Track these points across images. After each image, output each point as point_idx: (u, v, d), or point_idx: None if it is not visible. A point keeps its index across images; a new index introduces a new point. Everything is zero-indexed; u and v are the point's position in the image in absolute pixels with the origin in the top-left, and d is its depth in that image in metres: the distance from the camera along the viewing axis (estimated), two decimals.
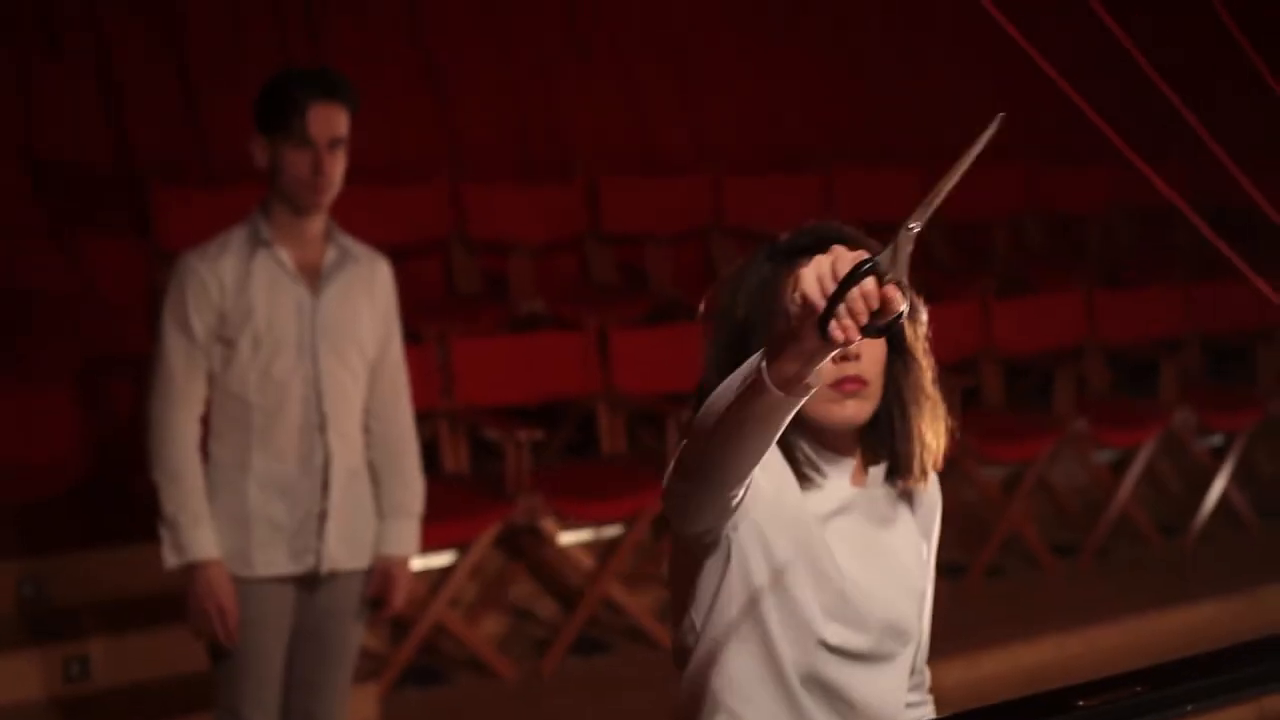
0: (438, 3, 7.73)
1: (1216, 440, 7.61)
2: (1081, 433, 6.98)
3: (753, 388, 2.00)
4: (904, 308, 1.86)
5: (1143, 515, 7.30)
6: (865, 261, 1.85)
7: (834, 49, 9.03)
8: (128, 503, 5.98)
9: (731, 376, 2.07)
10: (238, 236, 3.94)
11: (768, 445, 2.12)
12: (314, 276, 3.96)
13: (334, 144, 3.84)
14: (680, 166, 8.16)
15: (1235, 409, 7.52)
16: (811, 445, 2.40)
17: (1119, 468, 7.28)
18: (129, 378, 6.32)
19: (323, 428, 3.95)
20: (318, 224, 3.95)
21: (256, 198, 3.96)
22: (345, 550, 4.03)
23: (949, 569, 6.22)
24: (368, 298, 4.03)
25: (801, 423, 2.35)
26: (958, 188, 1.95)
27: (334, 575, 4.03)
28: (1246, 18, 3.05)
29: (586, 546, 6.05)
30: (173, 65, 7.07)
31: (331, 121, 3.84)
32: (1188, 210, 2.50)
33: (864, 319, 1.85)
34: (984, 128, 1.97)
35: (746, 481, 2.22)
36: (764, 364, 1.97)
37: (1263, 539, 7.43)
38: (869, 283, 1.85)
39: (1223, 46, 3.33)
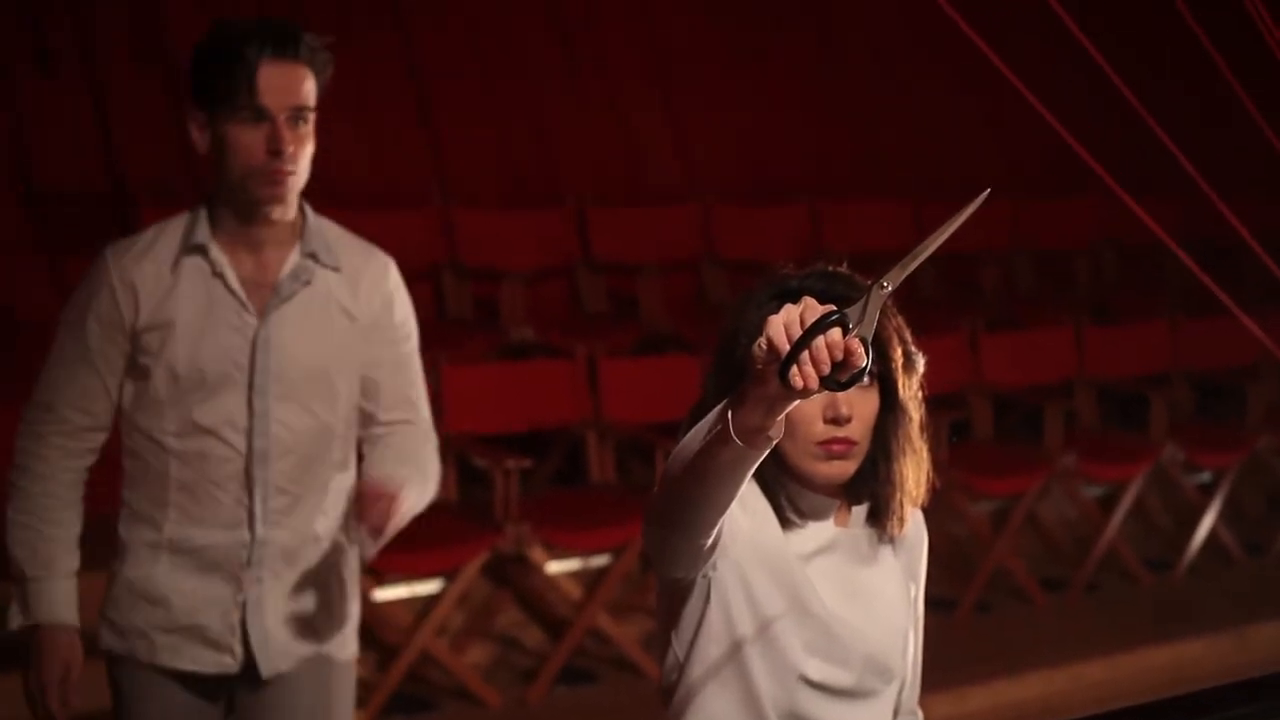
0: (429, 30, 7.73)
1: (1205, 477, 7.61)
2: (1070, 468, 6.98)
3: (717, 437, 2.01)
4: (866, 364, 1.87)
5: (1131, 551, 7.30)
6: (833, 313, 1.86)
7: (824, 81, 9.06)
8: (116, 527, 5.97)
9: (698, 425, 2.08)
10: (170, 234, 3.12)
11: (732, 496, 2.13)
12: (265, 293, 3.08)
13: (296, 115, 2.99)
14: (671, 196, 8.17)
15: (1224, 445, 7.52)
16: (795, 487, 2.40)
17: (1107, 503, 7.28)
18: None
19: (253, 492, 3.09)
20: (278, 224, 3.08)
21: None
22: (292, 646, 3.17)
23: (937, 604, 6.17)
24: (344, 315, 3.15)
25: (785, 466, 2.36)
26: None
27: (281, 679, 3.17)
28: (1236, 55, 3.06)
29: (574, 576, 6.04)
30: (162, 86, 7.06)
31: (291, 85, 2.99)
32: (1175, 247, 2.50)
33: (825, 368, 1.85)
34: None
35: (716, 529, 2.22)
36: (729, 414, 1.98)
37: (1251, 576, 7.43)
38: (834, 334, 1.86)
39: (1212, 84, 3.34)
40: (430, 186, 7.35)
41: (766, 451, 2.03)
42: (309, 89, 3.02)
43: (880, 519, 2.45)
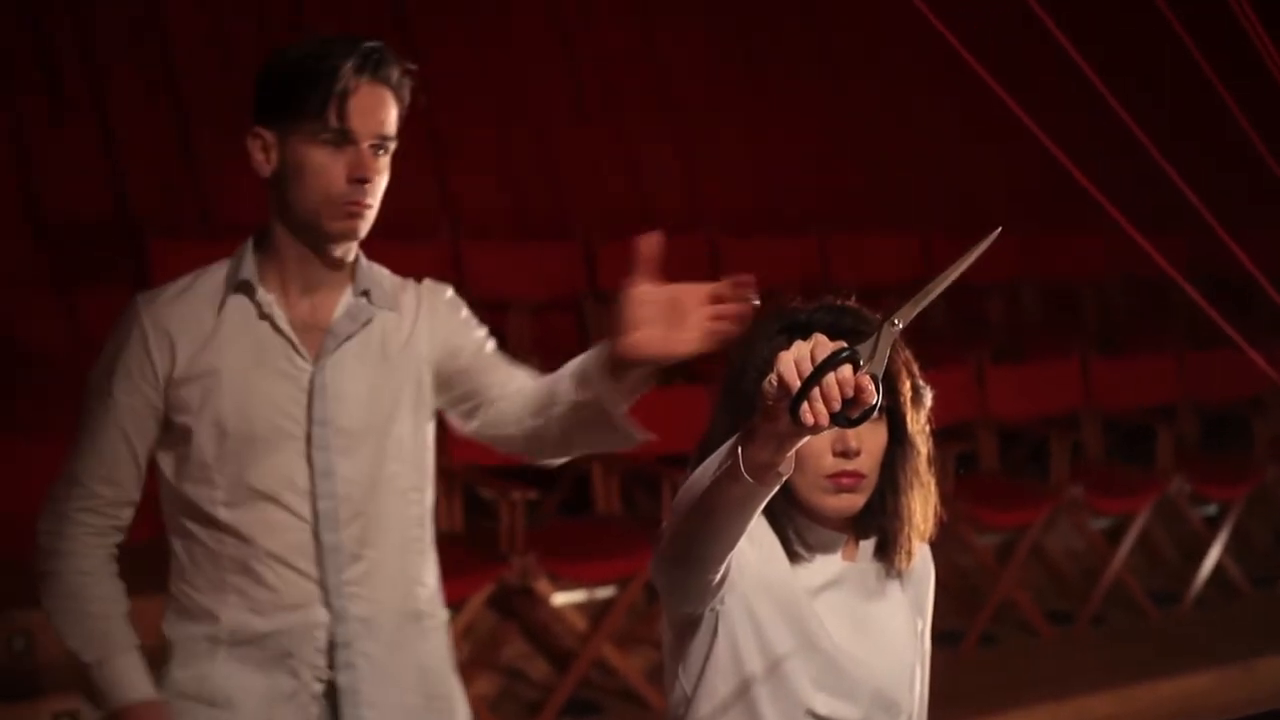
0: (438, 63, 7.76)
1: (1211, 509, 7.60)
2: (1076, 500, 6.97)
3: (727, 473, 2.02)
4: (876, 400, 1.88)
5: (1137, 583, 7.28)
6: (844, 349, 1.87)
7: (831, 113, 9.08)
8: (123, 558, 5.97)
9: (709, 460, 2.09)
10: (211, 278, 2.78)
11: (741, 531, 2.14)
12: (318, 336, 2.74)
13: (380, 145, 2.69)
14: (677, 227, 8.18)
15: (1230, 478, 7.51)
16: (803, 521, 2.41)
17: (1114, 535, 7.27)
18: None
19: (323, 563, 2.71)
20: (341, 263, 2.75)
21: None
22: None
23: (943, 636, 6.18)
24: (404, 354, 2.81)
25: (793, 499, 2.37)
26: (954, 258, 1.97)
27: None
28: (1242, 91, 3.07)
29: (580, 607, 6.03)
30: (171, 119, 7.10)
31: (381, 111, 2.69)
32: (1181, 281, 2.51)
33: (836, 404, 1.86)
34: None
35: (724, 565, 2.22)
36: (739, 449, 1.99)
37: (1257, 608, 7.41)
38: (845, 370, 1.87)
39: (1219, 119, 3.35)
40: (439, 219, 7.37)
41: (777, 487, 2.03)
42: (394, 118, 2.73)
43: (888, 553, 2.46)
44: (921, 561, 2.53)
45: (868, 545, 2.46)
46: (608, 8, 8.43)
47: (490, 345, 2.92)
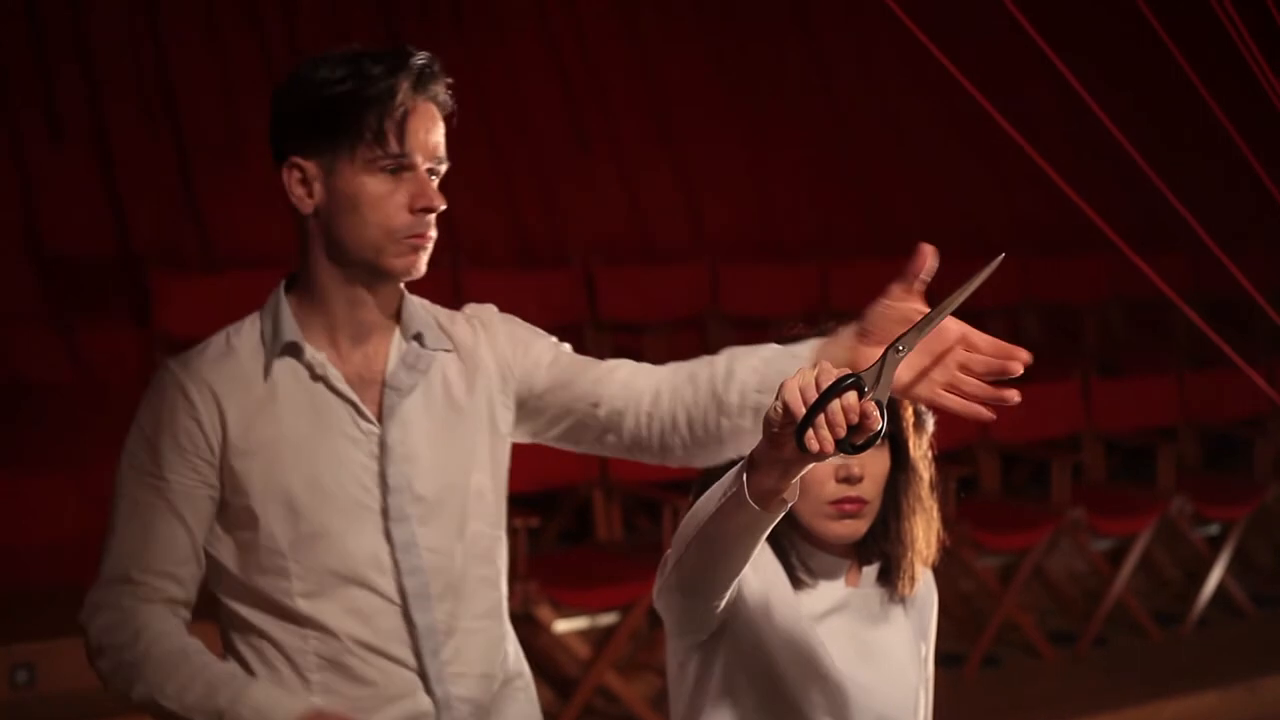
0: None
1: (1213, 529, 7.60)
2: (1078, 521, 6.97)
3: (732, 500, 2.02)
4: (881, 427, 1.88)
5: (1140, 604, 7.28)
6: (848, 376, 1.88)
7: (831, 141, 9.11)
8: None
9: (711, 489, 2.09)
10: (245, 336, 2.41)
11: (746, 559, 2.14)
12: (375, 391, 2.40)
13: (435, 169, 2.39)
14: (677, 256, 8.20)
15: (1231, 498, 7.51)
16: (806, 547, 2.41)
17: (1116, 556, 7.26)
18: None
19: (420, 648, 2.37)
20: (390, 305, 2.43)
21: (259, 284, 2.53)
22: None
23: (945, 658, 6.19)
24: (474, 394, 2.47)
25: (797, 525, 2.37)
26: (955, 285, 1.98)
27: None
28: (1241, 113, 3.08)
29: (582, 634, 6.02)
30: (172, 152, 7.11)
31: (437, 132, 2.38)
32: (1181, 303, 2.52)
33: (841, 431, 1.87)
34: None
35: (729, 591, 2.23)
36: (744, 477, 1.99)
37: (1260, 628, 7.40)
38: (850, 396, 1.87)
39: (1218, 141, 3.36)
40: (438, 247, 7.37)
41: (781, 514, 2.04)
42: (444, 138, 2.41)
43: (891, 578, 2.47)
44: (925, 586, 2.54)
45: (871, 571, 2.47)
46: (607, 35, 8.45)
47: (565, 349, 2.56)
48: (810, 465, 1.95)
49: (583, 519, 6.56)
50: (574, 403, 2.48)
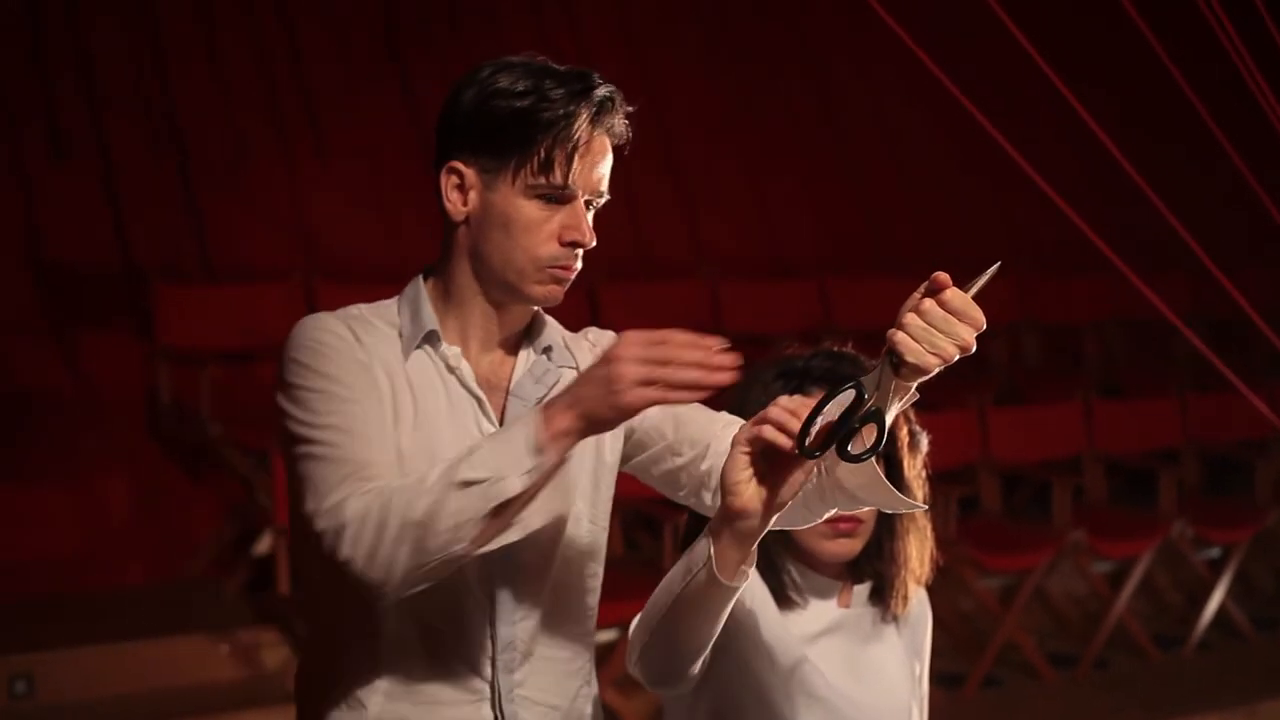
0: (436, 106, 7.77)
1: (1214, 552, 7.59)
2: (1079, 543, 6.96)
3: (701, 579, 2.03)
4: (880, 439, 1.89)
5: (1140, 627, 7.27)
6: (848, 383, 1.88)
7: (831, 159, 9.11)
8: (122, 602, 5.98)
9: (671, 574, 2.10)
10: (383, 315, 2.37)
11: (718, 627, 2.13)
12: (499, 397, 2.36)
13: (596, 201, 2.35)
14: (678, 272, 8.20)
15: (1233, 521, 7.50)
16: (799, 568, 2.42)
17: (1117, 579, 7.26)
18: (127, 477, 6.34)
19: (495, 657, 2.31)
20: (523, 320, 2.41)
21: (260, 297, 2.39)
22: None
23: (945, 679, 6.18)
24: None
25: (790, 545, 2.37)
26: None
27: None
28: (1241, 134, 3.08)
29: None
30: (173, 165, 7.11)
31: (604, 167, 2.34)
32: (1181, 325, 2.52)
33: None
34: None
35: (702, 660, 2.21)
36: (711, 552, 2.00)
37: (1261, 651, 7.39)
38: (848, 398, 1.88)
39: (1218, 162, 3.37)
40: None
41: (743, 585, 2.04)
42: (610, 170, 2.36)
43: (884, 597, 2.46)
44: (918, 605, 2.53)
45: (862, 590, 2.47)
46: (607, 51, 8.46)
47: None
48: (766, 530, 1.96)
49: None
50: (679, 444, 2.41)
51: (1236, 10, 2.93)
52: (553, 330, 2.45)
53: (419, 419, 2.26)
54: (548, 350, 2.41)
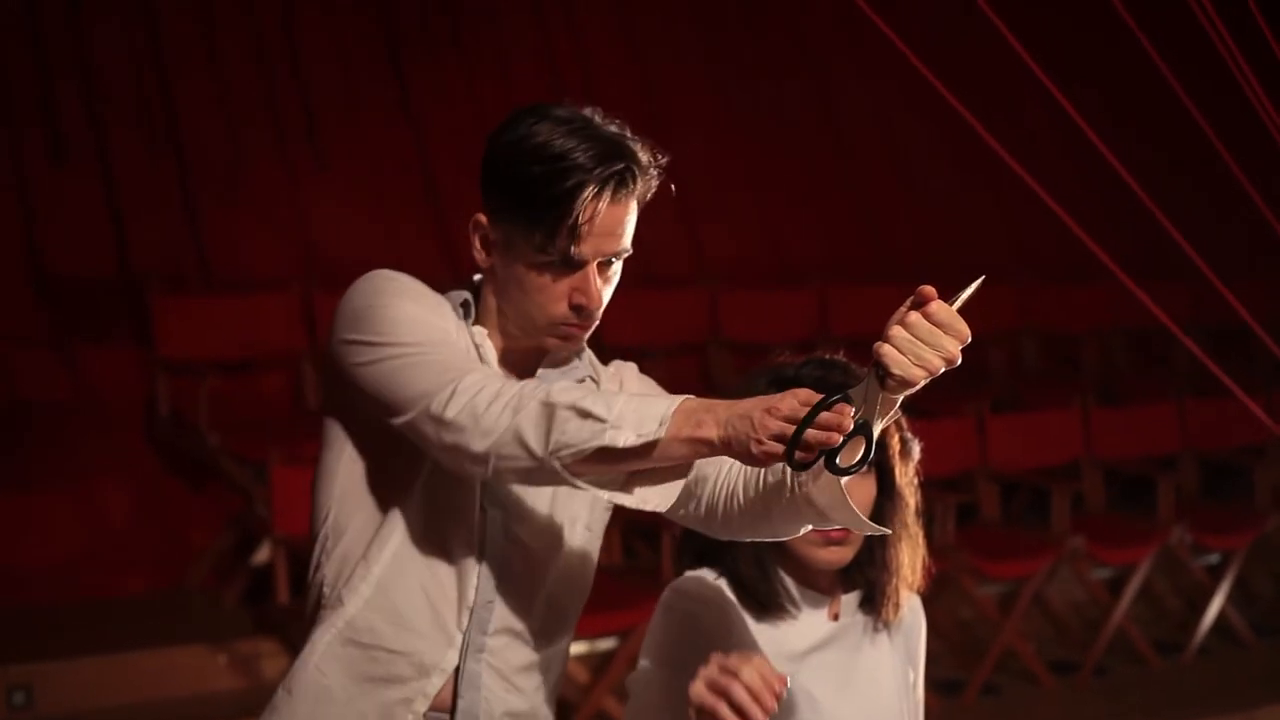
0: (435, 115, 7.78)
1: (1213, 558, 7.59)
2: (1078, 550, 6.96)
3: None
4: (869, 451, 1.89)
5: (1140, 633, 7.27)
6: (835, 394, 1.88)
7: (831, 167, 9.12)
8: (121, 612, 5.98)
9: None
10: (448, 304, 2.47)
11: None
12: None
13: (614, 259, 2.40)
14: (678, 281, 8.20)
15: (1232, 527, 7.50)
16: (792, 578, 2.42)
17: (1116, 585, 7.26)
18: (126, 487, 6.33)
19: (473, 616, 2.43)
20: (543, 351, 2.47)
21: (259, 308, 2.40)
22: None
23: (945, 686, 6.17)
24: None
25: (784, 554, 2.37)
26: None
27: None
28: (1240, 142, 3.09)
29: (581, 659, 6.01)
30: (173, 175, 7.12)
31: (620, 229, 2.38)
32: (1179, 333, 2.52)
33: (836, 439, 1.86)
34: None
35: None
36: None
37: (1260, 658, 7.39)
38: (838, 409, 1.88)
39: (1217, 170, 3.37)
40: (441, 274, 7.38)
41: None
42: (633, 225, 2.41)
43: (875, 604, 2.47)
44: (911, 613, 2.54)
45: (850, 599, 2.48)
46: (607, 58, 8.47)
47: None
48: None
49: None
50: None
51: (1236, 21, 2.93)
52: (587, 359, 2.53)
53: None
54: (563, 363, 2.49)
